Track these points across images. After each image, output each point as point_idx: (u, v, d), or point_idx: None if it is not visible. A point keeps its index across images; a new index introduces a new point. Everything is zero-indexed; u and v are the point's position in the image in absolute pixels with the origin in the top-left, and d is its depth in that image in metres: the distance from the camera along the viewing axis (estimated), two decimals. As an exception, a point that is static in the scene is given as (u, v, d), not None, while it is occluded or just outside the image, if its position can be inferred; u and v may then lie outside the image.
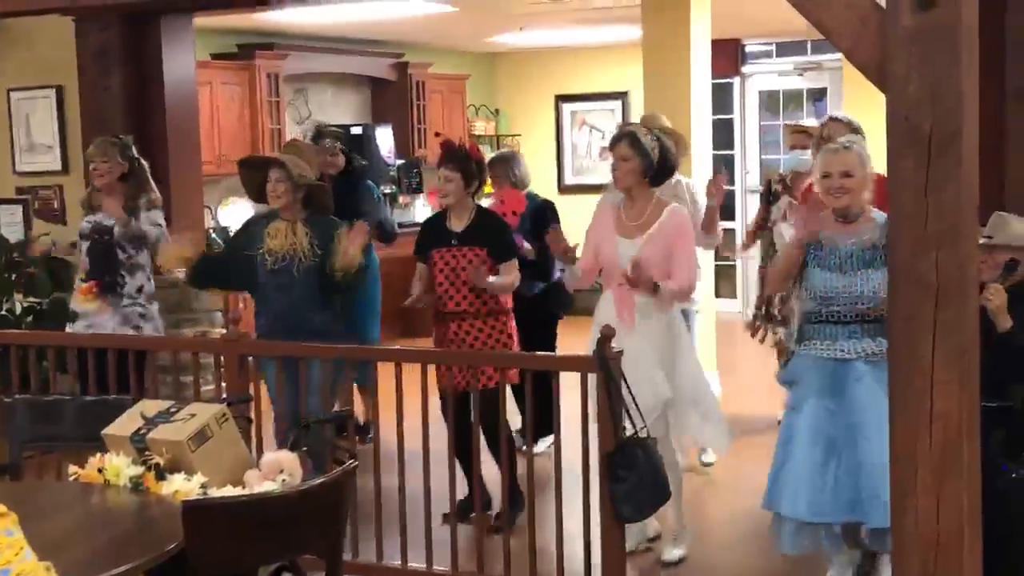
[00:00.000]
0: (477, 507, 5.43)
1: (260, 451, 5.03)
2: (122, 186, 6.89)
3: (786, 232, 6.68)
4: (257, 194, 6.17)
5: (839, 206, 4.88)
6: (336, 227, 5.97)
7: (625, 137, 5.66)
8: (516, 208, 7.14)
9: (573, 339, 6.83)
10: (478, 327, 6.08)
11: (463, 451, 5.57)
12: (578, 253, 5.72)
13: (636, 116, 12.61)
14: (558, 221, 7.03)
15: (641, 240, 5.59)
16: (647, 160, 5.60)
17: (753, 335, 7.67)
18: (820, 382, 4.87)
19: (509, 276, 6.14)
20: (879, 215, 4.84)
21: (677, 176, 6.52)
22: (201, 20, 8.38)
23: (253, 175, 6.16)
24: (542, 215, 7.18)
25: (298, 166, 6.05)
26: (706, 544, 6.05)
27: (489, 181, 6.85)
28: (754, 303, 7.83)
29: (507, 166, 7.39)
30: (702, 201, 6.68)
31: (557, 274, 7.46)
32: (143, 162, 6.98)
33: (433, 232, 6.25)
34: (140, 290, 6.88)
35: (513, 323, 6.22)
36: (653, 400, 5.38)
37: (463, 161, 6.14)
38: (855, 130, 6.05)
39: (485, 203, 6.75)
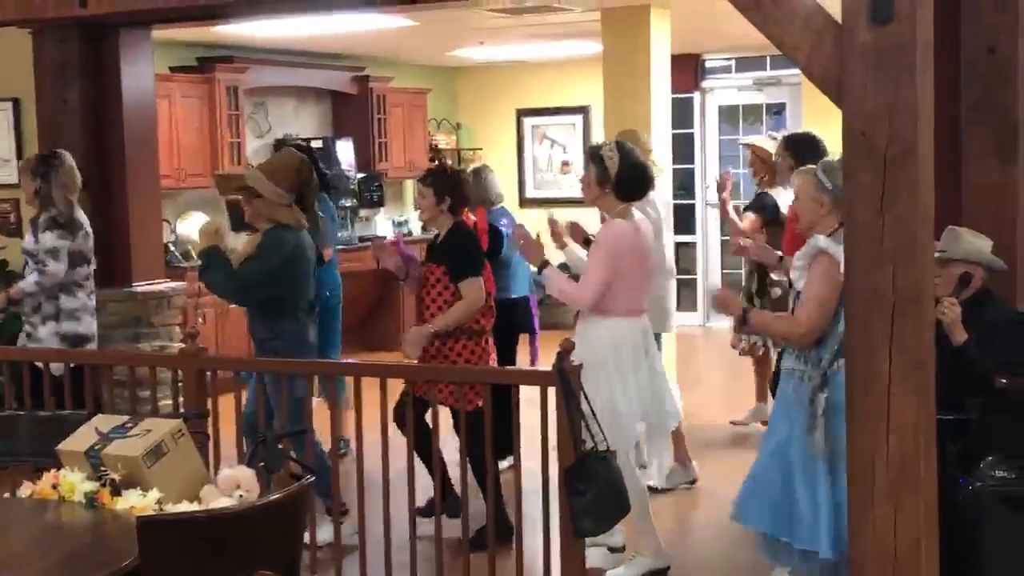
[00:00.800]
0: (438, 513, 5.36)
1: (217, 467, 5.00)
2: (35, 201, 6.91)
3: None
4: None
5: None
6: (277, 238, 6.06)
7: (587, 152, 5.78)
8: (482, 224, 7.04)
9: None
10: (452, 348, 6.04)
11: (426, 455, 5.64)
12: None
13: (597, 130, 12.68)
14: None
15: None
16: (602, 170, 5.63)
17: (744, 353, 7.91)
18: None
19: (461, 303, 6.01)
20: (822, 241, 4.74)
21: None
22: (160, 33, 8.33)
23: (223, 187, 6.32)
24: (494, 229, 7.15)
25: (258, 180, 6.05)
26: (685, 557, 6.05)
27: None
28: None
29: (475, 183, 7.29)
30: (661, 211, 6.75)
31: (523, 291, 7.48)
32: (53, 178, 6.85)
33: (429, 247, 6.36)
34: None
35: (491, 342, 6.18)
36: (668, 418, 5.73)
37: (437, 177, 6.16)
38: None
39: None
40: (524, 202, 13.88)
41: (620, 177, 5.59)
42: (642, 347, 5.63)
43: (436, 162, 6.39)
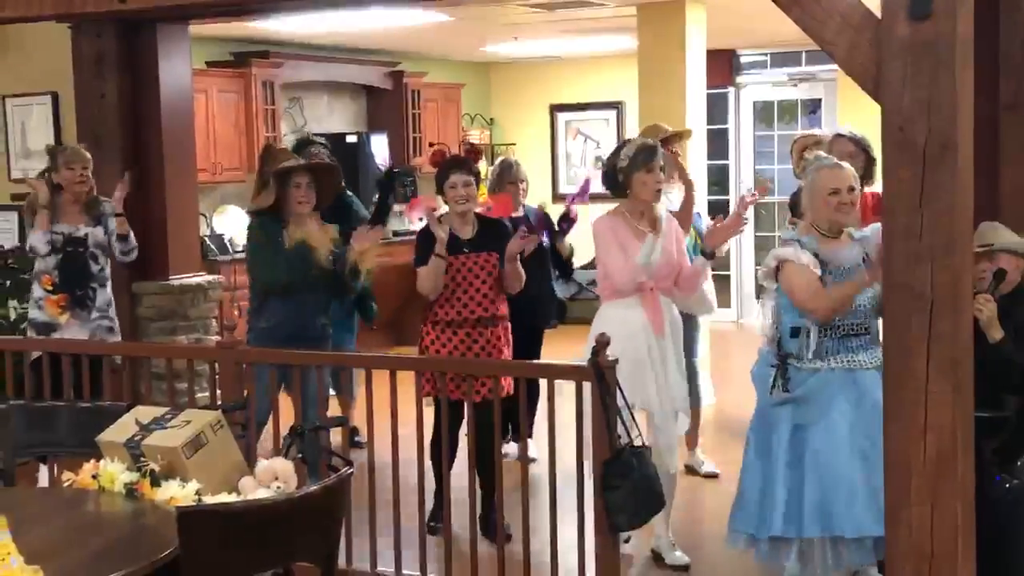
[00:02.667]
0: (447, 518, 5.37)
1: (254, 458, 5.03)
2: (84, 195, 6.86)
3: None
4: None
5: (850, 221, 4.82)
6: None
7: (658, 151, 5.70)
8: (505, 213, 7.03)
9: (570, 347, 6.81)
10: (494, 333, 6.05)
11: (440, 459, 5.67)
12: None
13: (631, 126, 12.68)
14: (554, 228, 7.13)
15: (659, 240, 5.62)
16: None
17: None
18: (846, 394, 4.71)
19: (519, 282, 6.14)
20: (852, 230, 4.84)
21: None
22: (197, 28, 8.37)
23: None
24: (549, 221, 7.27)
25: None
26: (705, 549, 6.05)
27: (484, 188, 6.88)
28: None
29: (511, 173, 7.36)
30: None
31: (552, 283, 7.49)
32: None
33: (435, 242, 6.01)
34: (109, 303, 6.82)
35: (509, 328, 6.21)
36: (671, 405, 5.67)
37: (473, 168, 6.14)
38: (863, 148, 5.89)
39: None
40: (557, 197, 13.87)
41: (604, 174, 5.78)
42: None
43: (438, 149, 6.24)
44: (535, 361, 6.03)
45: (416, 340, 6.26)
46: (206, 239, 10.15)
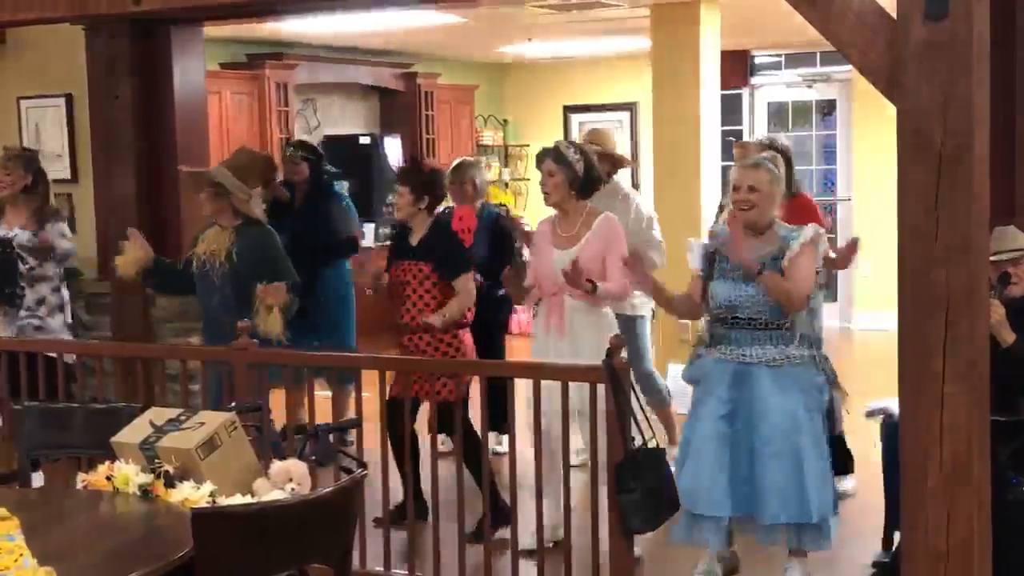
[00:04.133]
0: (411, 513, 5.46)
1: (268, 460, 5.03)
2: (25, 198, 6.97)
3: None
4: None
5: (745, 219, 5.17)
6: (266, 238, 6.11)
7: (550, 153, 5.81)
8: (469, 225, 7.17)
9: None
10: (429, 341, 6.10)
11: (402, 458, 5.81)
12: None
13: (645, 127, 12.66)
14: (513, 228, 7.20)
15: (575, 249, 5.74)
16: (572, 173, 5.74)
17: None
18: (723, 383, 5.18)
19: (459, 297, 6.10)
20: (785, 229, 5.22)
21: (626, 190, 7.04)
22: (211, 29, 8.38)
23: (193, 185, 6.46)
24: (498, 227, 7.21)
25: (222, 175, 6.12)
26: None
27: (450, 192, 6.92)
28: None
29: (464, 174, 7.34)
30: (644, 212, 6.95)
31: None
32: (46, 174, 7.12)
33: (398, 245, 6.36)
34: (41, 302, 6.91)
35: (468, 336, 6.24)
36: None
37: (412, 175, 6.23)
38: (775, 149, 6.26)
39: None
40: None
41: (585, 177, 5.79)
42: None
43: (411, 160, 6.52)
44: (549, 363, 5.99)
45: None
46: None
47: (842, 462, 6.39)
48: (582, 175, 5.76)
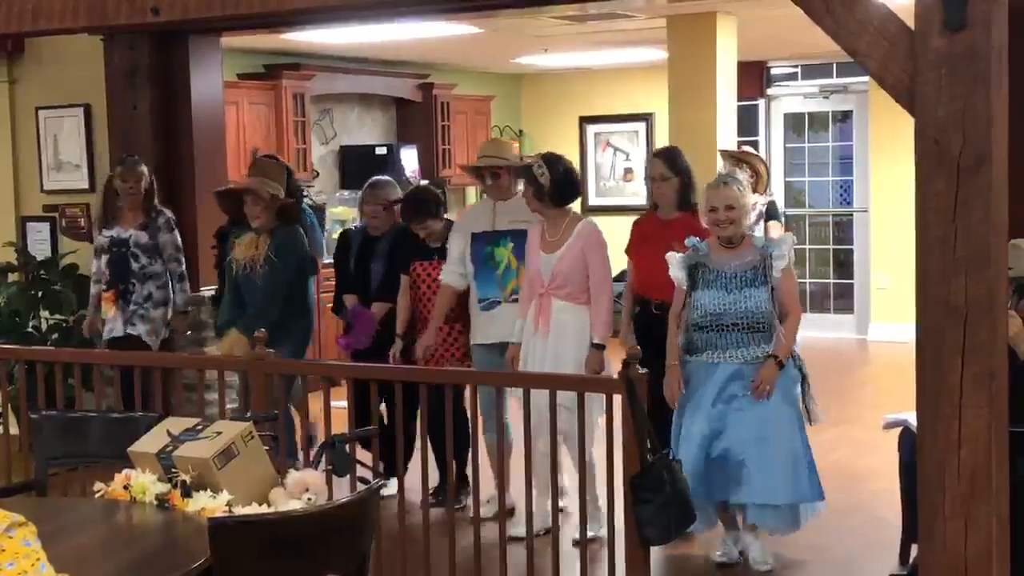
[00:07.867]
0: (451, 495, 5.42)
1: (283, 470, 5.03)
2: (139, 202, 7.44)
3: None
4: (235, 216, 7.05)
5: (725, 235, 5.63)
6: (295, 237, 6.81)
7: (522, 174, 6.36)
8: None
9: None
10: (447, 332, 6.74)
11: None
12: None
13: (660, 137, 12.65)
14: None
15: (559, 253, 6.15)
16: (537, 186, 6.17)
17: None
18: (707, 383, 5.58)
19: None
20: (758, 239, 5.81)
21: None
22: (228, 40, 8.41)
23: (227, 203, 7.09)
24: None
25: (267, 184, 6.74)
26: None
27: None
28: None
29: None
30: None
31: None
32: (153, 178, 7.53)
33: (412, 247, 6.87)
34: (148, 297, 7.42)
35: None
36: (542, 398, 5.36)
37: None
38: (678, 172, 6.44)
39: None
40: (586, 210, 13.86)
41: (554, 187, 6.16)
42: None
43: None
44: (565, 374, 5.97)
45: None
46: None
47: None
48: (548, 187, 6.15)
